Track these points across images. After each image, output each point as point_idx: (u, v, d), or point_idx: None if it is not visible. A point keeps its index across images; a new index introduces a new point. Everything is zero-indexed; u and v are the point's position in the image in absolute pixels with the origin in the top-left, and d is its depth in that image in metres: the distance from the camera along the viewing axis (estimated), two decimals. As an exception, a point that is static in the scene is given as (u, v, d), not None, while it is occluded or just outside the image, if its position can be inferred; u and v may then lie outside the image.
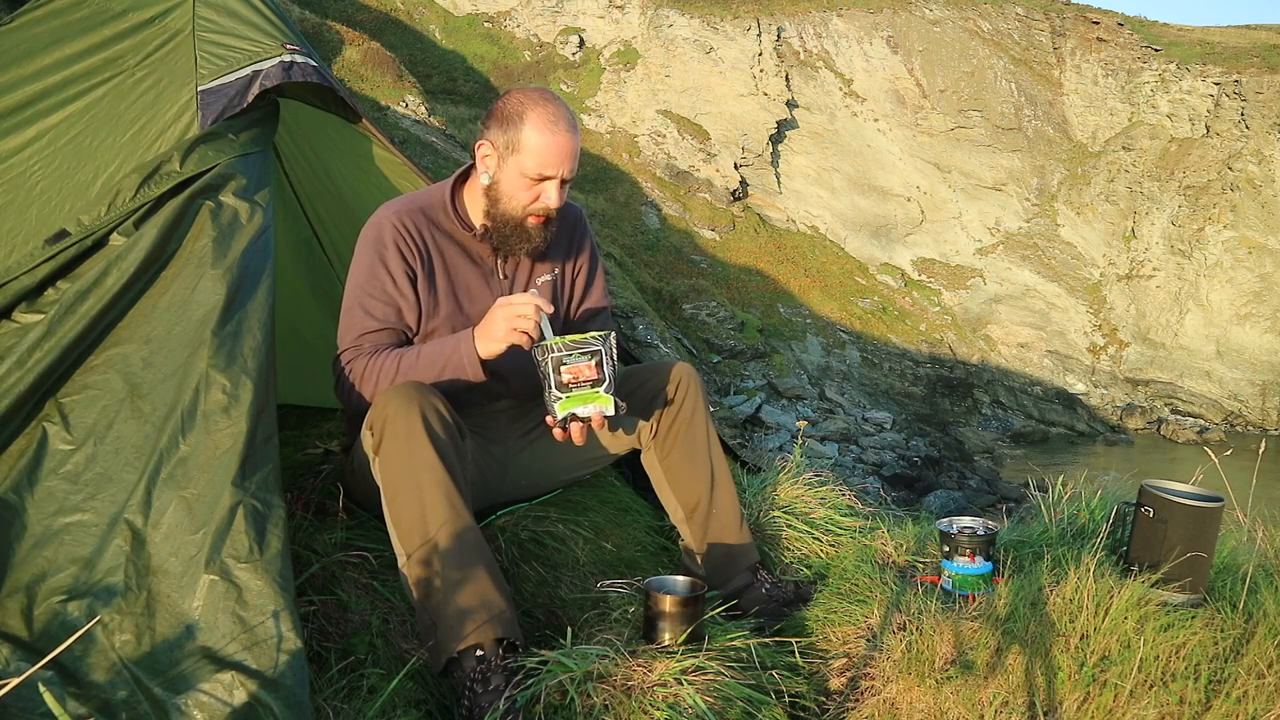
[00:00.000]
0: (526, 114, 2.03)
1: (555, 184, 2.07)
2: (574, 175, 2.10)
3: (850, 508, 2.86)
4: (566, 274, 2.33)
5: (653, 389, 2.23)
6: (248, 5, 2.22)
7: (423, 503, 1.80)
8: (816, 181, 29.13)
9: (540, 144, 2.02)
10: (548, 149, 2.02)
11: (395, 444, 1.84)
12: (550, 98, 2.07)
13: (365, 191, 2.88)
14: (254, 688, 1.47)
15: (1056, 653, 1.86)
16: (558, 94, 2.11)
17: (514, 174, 2.06)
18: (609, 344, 1.94)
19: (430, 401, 1.86)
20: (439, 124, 20.64)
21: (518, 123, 2.03)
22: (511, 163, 2.05)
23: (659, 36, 28.40)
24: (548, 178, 2.05)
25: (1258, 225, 27.06)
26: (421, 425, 1.82)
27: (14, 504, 1.61)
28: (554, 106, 2.04)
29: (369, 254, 2.10)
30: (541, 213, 2.10)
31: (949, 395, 25.20)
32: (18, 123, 2.09)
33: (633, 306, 18.61)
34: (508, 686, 1.71)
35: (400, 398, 1.86)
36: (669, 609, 1.87)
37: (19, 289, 1.79)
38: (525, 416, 2.32)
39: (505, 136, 2.05)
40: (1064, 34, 30.97)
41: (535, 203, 2.08)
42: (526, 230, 2.12)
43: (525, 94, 2.07)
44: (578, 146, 2.07)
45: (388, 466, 1.86)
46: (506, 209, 2.09)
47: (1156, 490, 2.14)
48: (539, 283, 2.26)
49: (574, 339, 1.91)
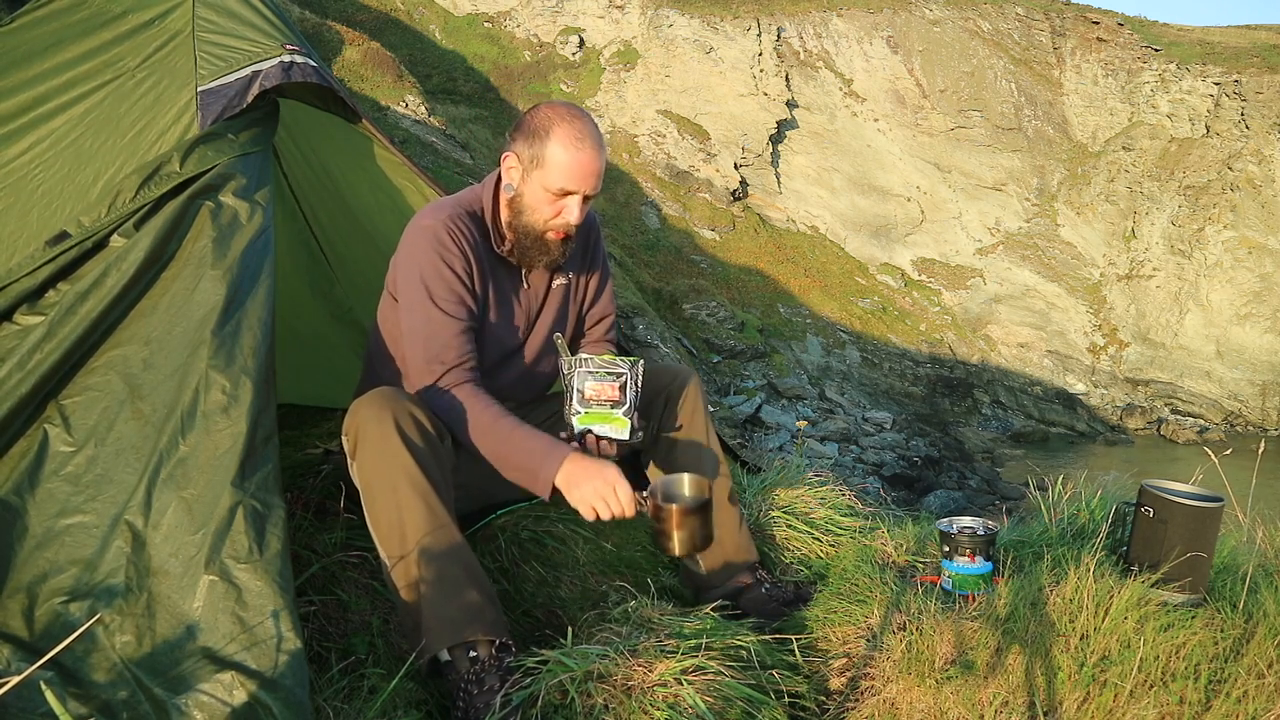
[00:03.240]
0: (553, 129, 2.02)
1: (577, 200, 2.06)
2: (597, 193, 2.09)
3: (850, 508, 2.86)
4: (579, 281, 2.35)
5: (653, 390, 2.24)
6: (247, 5, 2.22)
7: (399, 506, 1.80)
8: (816, 181, 29.12)
9: (565, 160, 2.01)
10: (572, 165, 2.02)
11: (369, 448, 1.84)
12: (578, 114, 2.06)
13: (365, 192, 2.88)
14: (254, 688, 1.47)
15: (1056, 653, 1.87)
16: (586, 110, 2.10)
17: (537, 188, 2.05)
18: (636, 370, 2.01)
19: (405, 407, 1.86)
20: (439, 124, 20.64)
21: (544, 137, 2.02)
22: (535, 177, 2.05)
23: (659, 36, 28.40)
24: (570, 193, 2.05)
25: (1258, 225, 27.05)
26: (395, 430, 1.82)
27: (15, 505, 1.61)
28: (581, 123, 2.04)
29: (431, 256, 2.05)
30: (562, 229, 2.10)
31: (949, 395, 25.19)
32: (19, 126, 2.09)
33: (633, 306, 18.61)
34: (503, 687, 1.71)
35: (373, 404, 1.86)
36: (677, 517, 1.82)
37: (20, 291, 1.79)
38: (524, 419, 2.32)
39: (531, 150, 2.04)
40: (1064, 34, 30.96)
41: (557, 218, 2.08)
42: (547, 244, 2.12)
43: (553, 109, 2.06)
44: (603, 165, 2.07)
45: (364, 471, 1.86)
46: (528, 221, 2.09)
47: (1156, 490, 2.14)
48: (554, 287, 2.27)
49: (605, 359, 1.99)
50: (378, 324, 2.24)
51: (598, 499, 1.87)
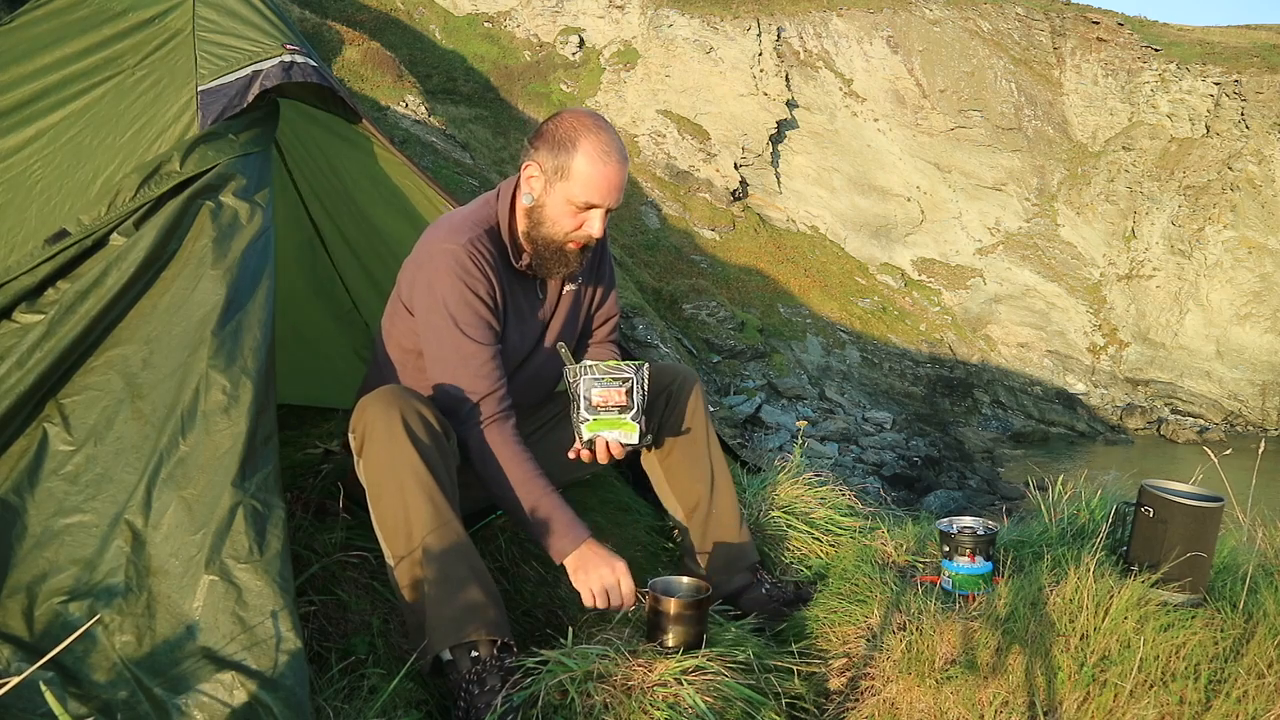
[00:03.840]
0: (580, 141, 1.97)
1: (600, 213, 2.03)
2: (619, 205, 2.06)
3: (850, 508, 2.86)
4: (588, 285, 2.33)
5: (655, 390, 2.24)
6: (248, 5, 2.22)
7: (406, 504, 1.80)
8: (816, 181, 29.12)
9: (591, 174, 1.97)
10: (598, 179, 1.98)
11: (377, 446, 1.84)
12: (603, 125, 2.02)
13: (369, 189, 2.88)
14: (254, 688, 1.47)
15: (1056, 653, 1.86)
16: (609, 122, 2.08)
17: (560, 200, 2.01)
18: (642, 374, 2.00)
19: (411, 404, 1.86)
20: (439, 124, 20.63)
21: (570, 149, 1.98)
22: (559, 188, 2.00)
23: (659, 36, 28.39)
24: (594, 207, 2.02)
25: (1258, 225, 27.05)
26: (402, 428, 1.82)
27: (15, 505, 1.61)
28: (608, 135, 2.00)
29: (455, 285, 1.99)
30: (583, 240, 2.07)
31: (949, 395, 25.19)
32: (17, 122, 2.09)
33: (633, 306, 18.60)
34: (504, 687, 1.71)
35: (381, 401, 1.86)
36: (673, 611, 1.86)
37: (19, 289, 1.79)
38: (525, 420, 2.32)
39: (555, 161, 1.99)
40: (1064, 34, 30.95)
41: (578, 230, 2.04)
42: (565, 255, 2.08)
43: (579, 119, 2.01)
44: (625, 178, 2.04)
45: (371, 468, 1.86)
46: (549, 233, 2.05)
47: (1156, 490, 2.13)
48: (565, 293, 2.25)
49: (609, 365, 1.97)
50: (385, 331, 2.20)
51: (602, 590, 1.91)
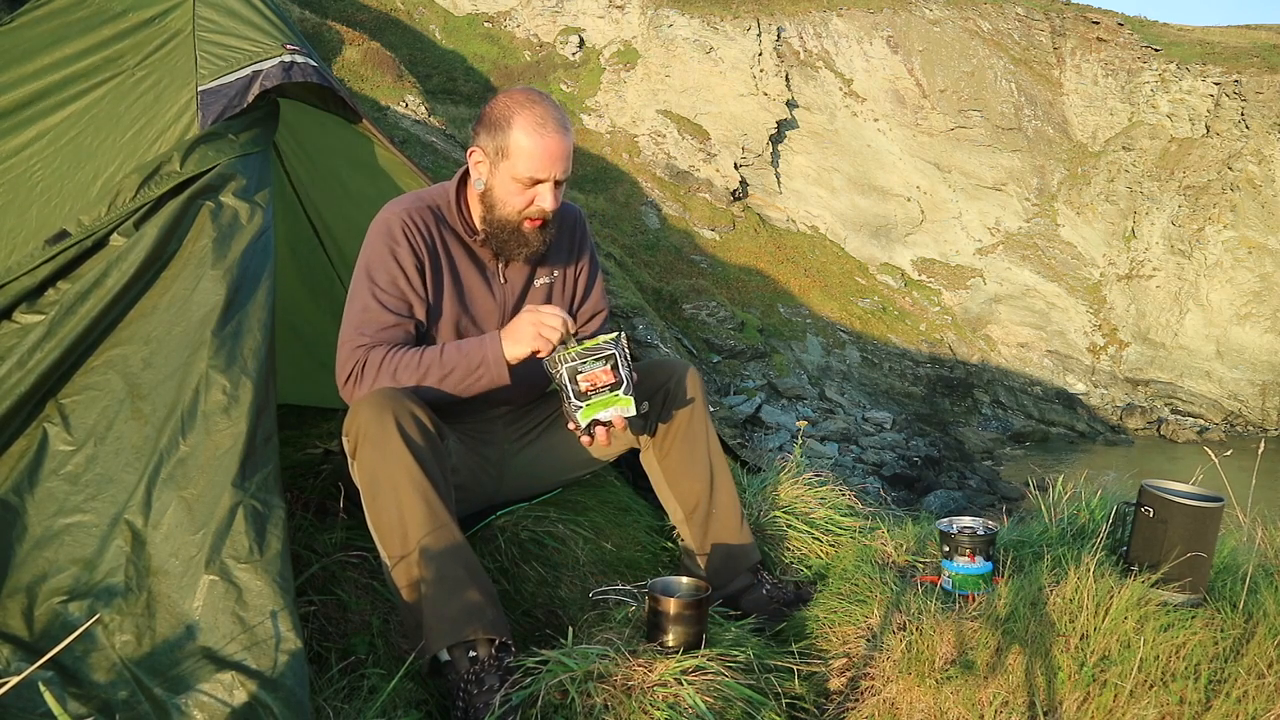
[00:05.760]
0: (514, 118, 1.99)
1: (549, 186, 2.03)
2: (568, 176, 2.06)
3: (850, 508, 2.86)
4: (566, 277, 2.31)
5: (652, 388, 2.23)
6: (248, 5, 2.22)
7: (400, 505, 1.80)
8: (816, 181, 29.11)
9: (530, 147, 1.98)
10: (538, 152, 1.99)
11: (370, 448, 1.83)
12: (538, 98, 2.03)
13: (369, 189, 2.87)
14: (254, 688, 1.47)
15: (1056, 653, 1.86)
16: (547, 94, 2.07)
17: (506, 179, 2.03)
18: (621, 344, 1.95)
19: (405, 405, 1.85)
20: (439, 124, 20.63)
21: (505, 127, 2.00)
22: (503, 168, 2.02)
23: (659, 36, 28.39)
24: (540, 181, 2.02)
25: (1258, 225, 27.04)
26: (395, 428, 1.81)
27: (15, 505, 1.61)
28: (541, 107, 2.01)
29: (380, 248, 2.05)
30: (538, 216, 2.07)
31: (949, 395, 25.19)
32: (18, 122, 2.09)
33: (633, 306, 18.60)
34: (503, 686, 1.71)
35: (374, 403, 1.85)
36: (673, 611, 1.87)
37: (19, 289, 1.79)
38: (521, 419, 2.32)
39: (495, 142, 2.01)
40: (1064, 34, 30.95)
41: (530, 206, 2.05)
42: (524, 235, 2.09)
43: (511, 97, 2.04)
44: (570, 146, 2.04)
45: (365, 470, 1.85)
46: (502, 214, 2.07)
47: (1156, 490, 2.13)
48: (537, 285, 2.24)
49: (586, 346, 1.92)
50: None
51: (538, 328, 1.93)
